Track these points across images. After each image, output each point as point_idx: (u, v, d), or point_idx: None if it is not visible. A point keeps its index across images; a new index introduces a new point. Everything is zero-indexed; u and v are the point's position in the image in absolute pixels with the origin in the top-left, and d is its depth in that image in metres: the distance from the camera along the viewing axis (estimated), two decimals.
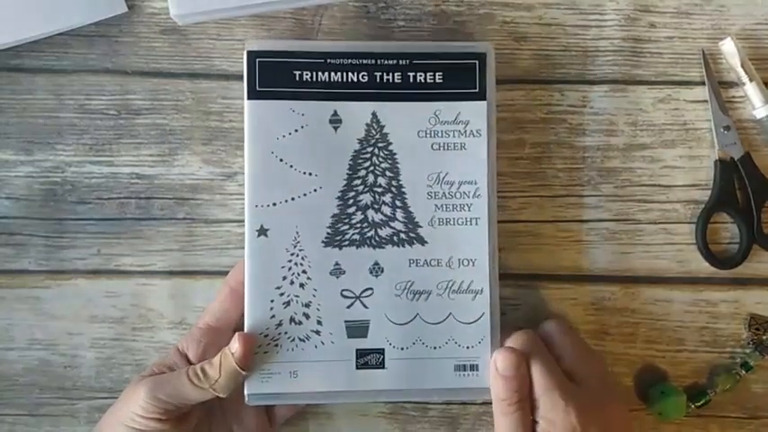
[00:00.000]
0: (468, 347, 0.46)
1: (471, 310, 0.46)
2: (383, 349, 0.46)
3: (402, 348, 0.46)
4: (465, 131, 0.47)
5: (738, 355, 0.51)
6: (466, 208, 0.47)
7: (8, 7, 0.48)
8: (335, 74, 0.47)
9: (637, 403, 0.51)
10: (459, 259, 0.47)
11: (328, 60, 0.46)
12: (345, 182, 0.47)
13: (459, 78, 0.47)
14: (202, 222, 0.50)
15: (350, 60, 0.47)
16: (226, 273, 0.49)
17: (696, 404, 0.50)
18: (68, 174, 0.50)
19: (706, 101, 0.51)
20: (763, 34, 0.51)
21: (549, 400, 0.42)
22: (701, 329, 0.51)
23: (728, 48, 0.50)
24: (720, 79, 0.51)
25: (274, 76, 0.46)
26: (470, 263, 0.47)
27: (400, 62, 0.47)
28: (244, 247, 0.46)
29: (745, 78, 0.50)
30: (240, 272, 0.46)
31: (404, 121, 0.47)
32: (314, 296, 0.46)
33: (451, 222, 0.47)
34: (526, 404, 0.43)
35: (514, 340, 0.45)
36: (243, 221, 0.50)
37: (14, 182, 0.50)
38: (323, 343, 0.46)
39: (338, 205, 0.46)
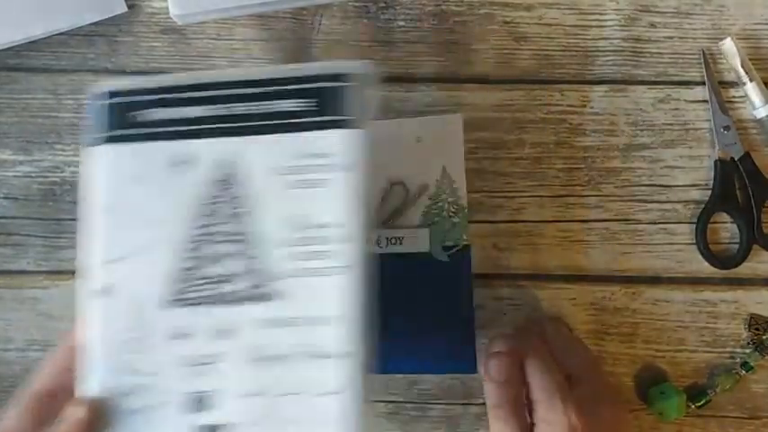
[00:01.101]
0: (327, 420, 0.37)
1: (333, 378, 0.37)
2: (229, 424, 0.38)
3: (251, 424, 0.38)
4: (329, 166, 0.39)
5: (738, 355, 0.51)
6: (331, 255, 0.38)
7: (9, 7, 0.48)
8: (180, 109, 0.40)
9: (637, 403, 0.51)
10: (321, 317, 0.38)
11: (169, 96, 0.40)
12: (191, 231, 0.40)
13: (322, 105, 0.39)
14: None
15: (194, 93, 0.40)
16: None
17: (696, 404, 0.50)
18: (67, 174, 0.50)
19: (706, 101, 0.51)
20: (763, 34, 0.51)
21: (548, 401, 0.42)
22: (701, 329, 0.51)
23: (728, 48, 0.50)
24: (720, 79, 0.51)
25: (115, 119, 0.40)
26: (335, 320, 0.38)
27: (251, 91, 0.40)
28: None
29: (745, 78, 0.50)
30: (80, 330, 0.39)
31: (257, 159, 0.39)
32: (154, 360, 0.39)
33: (313, 273, 0.38)
34: (521, 409, 0.43)
35: (510, 339, 0.44)
36: None
37: (13, 182, 0.50)
38: (164, 407, 0.38)
39: (184, 258, 0.40)
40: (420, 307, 0.47)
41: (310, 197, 0.39)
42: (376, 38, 0.51)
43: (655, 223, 0.51)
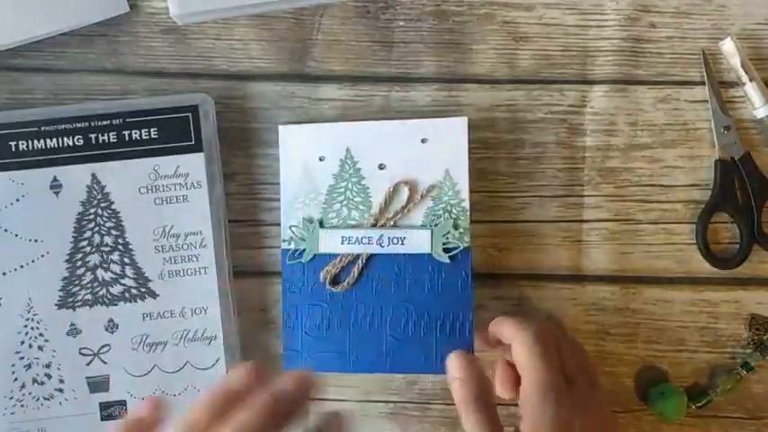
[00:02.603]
0: None
1: (207, 357, 0.48)
2: (125, 401, 0.48)
3: (143, 398, 0.48)
4: (186, 184, 0.48)
5: (739, 355, 0.51)
6: (193, 259, 0.48)
7: (11, 8, 0.48)
8: (51, 140, 0.48)
9: (637, 404, 0.51)
10: (191, 309, 0.48)
11: (43, 128, 0.47)
12: (72, 245, 0.48)
13: (174, 132, 0.48)
14: None
15: (64, 125, 0.48)
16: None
17: (697, 405, 0.50)
18: None
19: (706, 101, 0.51)
20: (763, 34, 0.51)
21: (540, 398, 0.41)
22: (702, 330, 0.51)
23: (728, 48, 0.50)
24: (720, 79, 0.51)
25: None
26: (202, 311, 0.48)
27: (114, 122, 0.48)
28: (244, 248, 0.47)
29: (745, 78, 0.50)
30: None
31: (124, 180, 0.48)
32: (53, 357, 0.48)
33: (180, 274, 0.48)
34: (488, 401, 0.42)
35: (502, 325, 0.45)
36: (242, 221, 0.50)
37: None
38: (67, 400, 0.48)
39: (67, 268, 0.48)
40: (420, 307, 0.47)
41: (173, 211, 0.48)
42: (376, 38, 0.51)
43: (655, 223, 0.51)
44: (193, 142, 0.48)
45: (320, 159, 0.48)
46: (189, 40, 0.50)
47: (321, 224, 0.48)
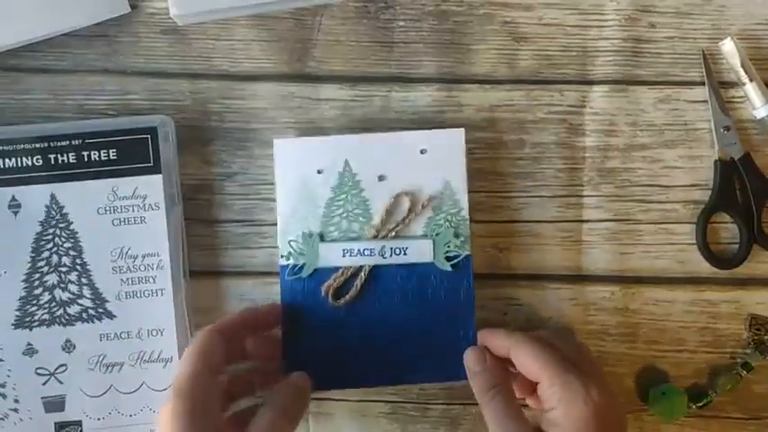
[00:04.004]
0: None
1: (163, 378, 0.48)
2: (80, 421, 0.48)
3: (99, 419, 0.48)
4: (144, 206, 0.48)
5: (739, 355, 0.51)
6: (150, 280, 0.49)
7: (13, 8, 0.48)
8: (10, 160, 0.48)
9: (638, 404, 0.51)
10: (147, 330, 0.49)
11: (1, 147, 0.47)
12: (30, 264, 0.48)
13: (133, 153, 0.48)
14: (202, 223, 0.50)
15: (23, 145, 0.48)
16: (226, 273, 0.49)
17: (697, 405, 0.50)
18: None
19: (706, 101, 0.51)
20: (763, 34, 0.51)
21: (562, 379, 0.41)
22: (702, 330, 0.51)
23: (728, 48, 0.50)
24: (720, 79, 0.51)
25: None
26: (158, 332, 0.49)
27: (73, 142, 0.48)
28: (244, 248, 0.47)
29: (745, 78, 0.50)
30: None
31: (82, 200, 0.48)
32: (9, 376, 0.48)
33: (138, 295, 0.49)
34: (506, 387, 0.44)
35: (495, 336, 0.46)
36: (242, 221, 0.50)
37: None
38: (22, 419, 0.48)
39: (24, 288, 0.48)
40: (424, 316, 0.47)
41: (131, 232, 0.49)
42: (376, 38, 0.51)
43: (655, 223, 0.51)
44: (152, 164, 0.48)
45: (318, 172, 0.48)
46: (189, 40, 0.50)
47: (321, 238, 0.48)
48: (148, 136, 0.48)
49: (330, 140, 0.49)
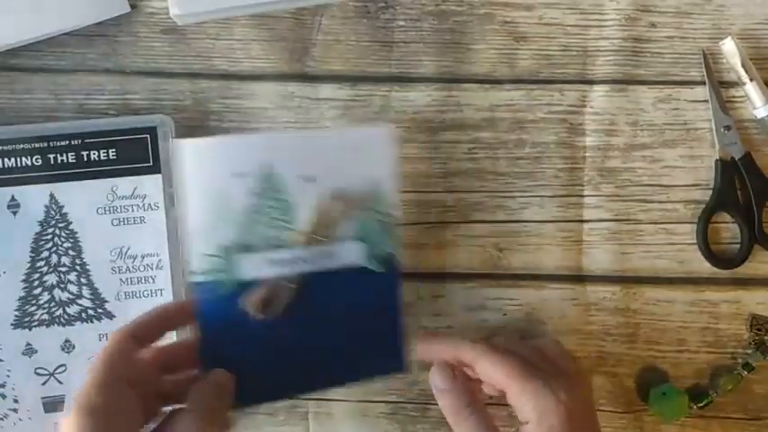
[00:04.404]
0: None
1: None
2: None
3: None
4: (143, 205, 0.48)
5: (740, 355, 0.50)
6: (150, 280, 0.49)
7: (12, 8, 0.48)
8: (9, 159, 0.48)
9: (638, 404, 0.51)
10: None
11: (1, 147, 0.47)
12: (29, 264, 0.48)
13: (133, 153, 0.48)
14: None
15: (22, 145, 0.48)
16: None
17: (698, 405, 0.50)
18: None
19: (706, 101, 0.51)
20: (763, 34, 0.51)
21: (531, 386, 0.40)
22: (703, 330, 0.51)
23: (729, 47, 0.50)
24: (721, 79, 0.51)
25: None
26: None
27: (72, 142, 0.48)
28: None
29: (745, 78, 0.50)
30: None
31: (82, 200, 0.48)
32: (8, 376, 0.48)
33: (137, 295, 0.49)
34: (479, 405, 0.43)
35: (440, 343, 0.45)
36: None
37: None
38: (21, 420, 0.48)
39: (24, 288, 0.48)
40: (358, 319, 0.45)
41: (131, 232, 0.48)
42: (376, 38, 0.51)
43: (655, 223, 0.51)
44: (152, 164, 0.48)
45: (234, 177, 0.42)
46: (189, 40, 0.50)
47: (242, 249, 0.42)
48: (148, 136, 0.48)
49: (247, 140, 0.45)
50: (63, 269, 0.48)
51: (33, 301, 0.48)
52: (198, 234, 0.42)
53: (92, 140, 0.48)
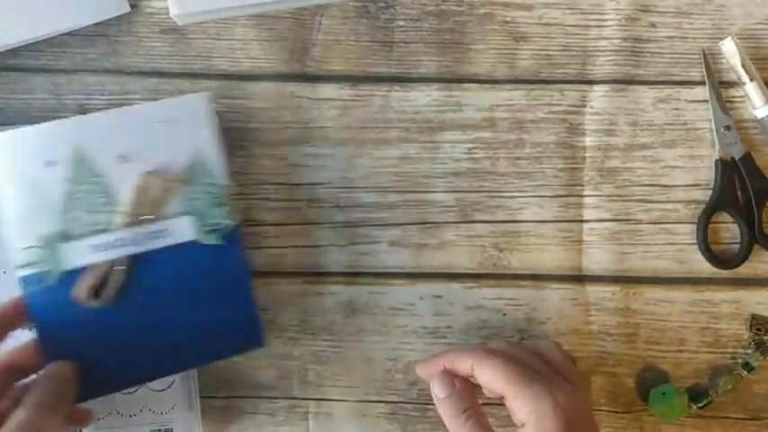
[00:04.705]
0: (162, 413, 0.48)
1: (163, 379, 0.48)
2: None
3: (98, 419, 0.47)
4: None
5: (740, 355, 0.51)
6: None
7: (12, 8, 0.48)
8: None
9: (638, 404, 0.51)
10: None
11: None
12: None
13: None
14: None
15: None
16: None
17: (698, 405, 0.50)
18: None
19: (706, 101, 0.51)
20: (763, 34, 0.51)
21: (529, 391, 0.40)
22: (703, 330, 0.51)
23: (729, 47, 0.50)
24: (721, 79, 0.51)
25: None
26: None
27: None
28: (245, 248, 0.46)
29: (745, 78, 0.50)
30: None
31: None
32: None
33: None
34: (477, 410, 0.43)
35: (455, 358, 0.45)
36: (243, 222, 0.50)
37: None
38: None
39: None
40: (198, 297, 0.44)
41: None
42: (376, 38, 0.51)
43: (655, 223, 0.51)
44: None
45: (46, 165, 0.42)
46: (189, 40, 0.50)
47: (63, 238, 0.42)
48: None
49: (56, 126, 0.43)
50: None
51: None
52: (16, 227, 0.42)
53: None
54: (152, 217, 0.44)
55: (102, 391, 0.44)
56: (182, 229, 0.44)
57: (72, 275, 0.42)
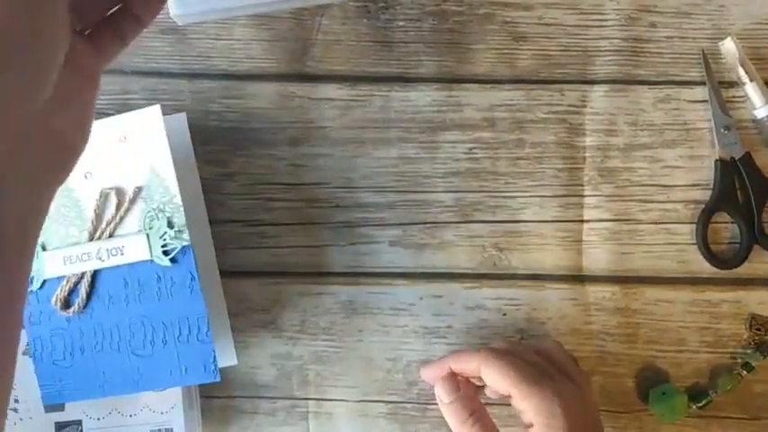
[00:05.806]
0: (162, 413, 0.48)
1: None
2: (80, 421, 0.48)
3: (98, 419, 0.48)
4: None
5: (740, 355, 0.50)
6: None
7: None
8: None
9: (638, 404, 0.51)
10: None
11: None
12: None
13: None
14: None
15: None
16: (229, 272, 0.49)
17: (697, 405, 0.50)
18: None
19: (706, 101, 0.51)
20: (763, 34, 0.51)
21: (539, 394, 0.41)
22: (703, 330, 0.51)
23: (728, 48, 0.50)
24: (720, 79, 0.51)
25: None
26: None
27: None
28: (244, 248, 0.46)
29: (745, 78, 0.50)
30: None
31: None
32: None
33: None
34: (482, 413, 0.43)
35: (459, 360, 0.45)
36: (242, 221, 0.50)
37: None
38: (21, 419, 0.48)
39: None
40: (155, 317, 0.44)
41: None
42: (376, 38, 0.51)
43: (655, 223, 0.51)
44: None
45: None
46: (189, 40, 0.50)
47: (44, 247, 0.45)
48: None
49: None
50: None
51: None
52: None
53: None
54: (110, 234, 0.44)
55: (70, 397, 0.46)
56: (137, 248, 0.44)
57: (51, 284, 0.45)
